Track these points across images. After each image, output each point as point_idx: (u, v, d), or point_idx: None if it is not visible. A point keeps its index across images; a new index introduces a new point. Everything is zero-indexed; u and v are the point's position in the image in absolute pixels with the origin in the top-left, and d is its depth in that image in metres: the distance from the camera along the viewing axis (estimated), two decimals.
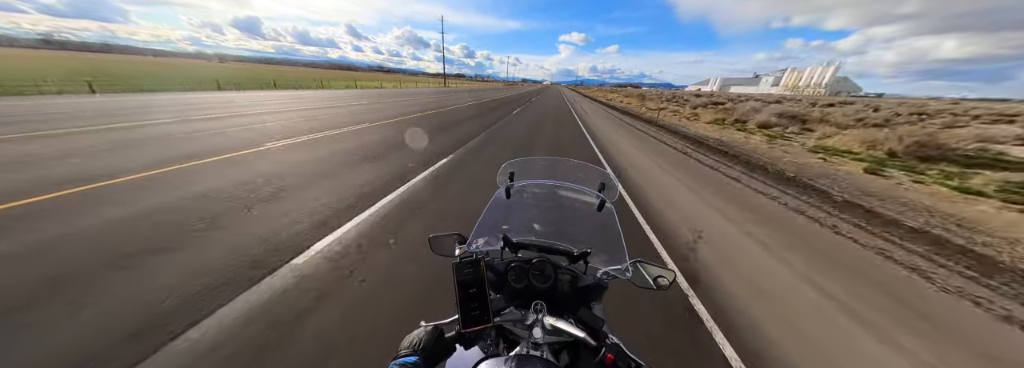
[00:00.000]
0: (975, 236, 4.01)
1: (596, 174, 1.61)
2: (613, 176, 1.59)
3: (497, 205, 1.40)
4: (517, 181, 1.49)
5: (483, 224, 1.30)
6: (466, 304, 0.77)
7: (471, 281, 0.79)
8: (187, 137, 6.82)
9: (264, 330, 1.95)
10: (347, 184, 4.49)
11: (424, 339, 0.74)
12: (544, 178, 1.54)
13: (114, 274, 2.34)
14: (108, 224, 3.02)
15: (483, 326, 0.75)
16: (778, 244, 3.60)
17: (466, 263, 0.81)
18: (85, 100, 12.58)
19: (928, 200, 5.36)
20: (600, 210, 1.38)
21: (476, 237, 1.25)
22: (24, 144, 5.45)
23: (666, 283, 1.05)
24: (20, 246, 2.57)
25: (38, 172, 4.20)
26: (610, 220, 1.33)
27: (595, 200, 1.40)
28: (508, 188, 1.45)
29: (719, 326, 2.27)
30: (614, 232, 1.27)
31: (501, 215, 1.40)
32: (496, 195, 1.43)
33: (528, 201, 1.49)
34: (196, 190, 3.96)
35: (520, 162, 1.62)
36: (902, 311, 2.60)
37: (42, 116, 8.31)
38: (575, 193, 1.46)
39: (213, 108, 11.74)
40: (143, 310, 2.03)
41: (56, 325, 1.88)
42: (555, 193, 1.49)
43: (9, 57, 53.36)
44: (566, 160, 1.71)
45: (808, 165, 7.68)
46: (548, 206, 1.49)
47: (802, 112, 17.72)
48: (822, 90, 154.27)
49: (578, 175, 1.61)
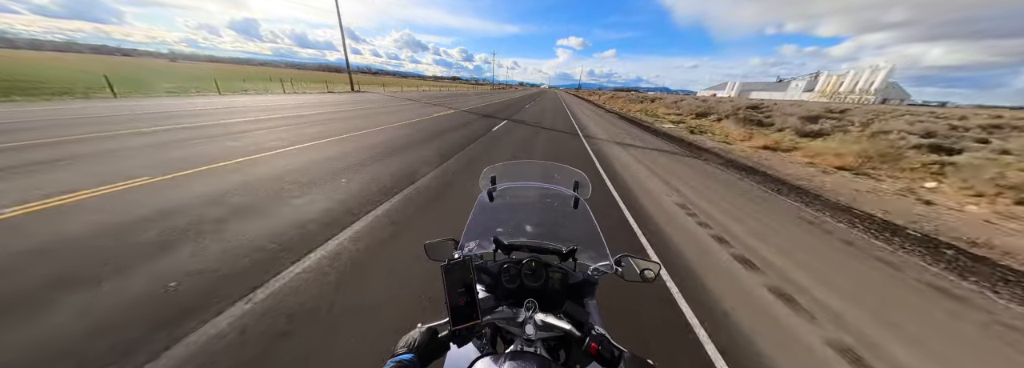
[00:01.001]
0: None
1: (569, 174, 1.71)
2: (585, 176, 1.71)
3: (482, 208, 1.46)
4: (499, 184, 1.56)
5: (471, 228, 1.36)
6: (455, 303, 0.81)
7: (460, 281, 0.83)
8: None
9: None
10: None
11: (418, 339, 0.81)
12: (523, 180, 1.62)
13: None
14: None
15: (472, 323, 0.79)
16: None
17: (453, 265, 0.85)
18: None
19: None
20: (576, 208, 1.46)
21: (467, 240, 1.32)
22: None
23: (652, 276, 1.10)
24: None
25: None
26: (586, 216, 1.40)
27: (571, 198, 1.49)
28: (491, 191, 1.51)
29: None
30: (591, 227, 1.33)
31: (487, 218, 1.46)
32: (480, 199, 1.49)
33: (511, 203, 1.56)
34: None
35: (500, 167, 1.77)
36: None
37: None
38: (553, 193, 1.55)
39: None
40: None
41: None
42: (535, 194, 1.59)
43: (14, 59, 52.21)
44: (542, 163, 1.82)
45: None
46: (530, 207, 1.59)
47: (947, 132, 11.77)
48: (871, 97, 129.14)
49: (554, 176, 1.71)
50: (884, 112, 23.45)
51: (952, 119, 17.67)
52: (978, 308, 3.04)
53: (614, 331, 0.98)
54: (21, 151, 5.73)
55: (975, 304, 3.10)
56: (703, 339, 2.38)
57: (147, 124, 8.93)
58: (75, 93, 15.43)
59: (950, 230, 4.90)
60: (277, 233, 3.44)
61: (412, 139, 9.28)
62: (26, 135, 6.86)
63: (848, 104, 55.11)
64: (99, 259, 2.80)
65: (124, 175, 4.82)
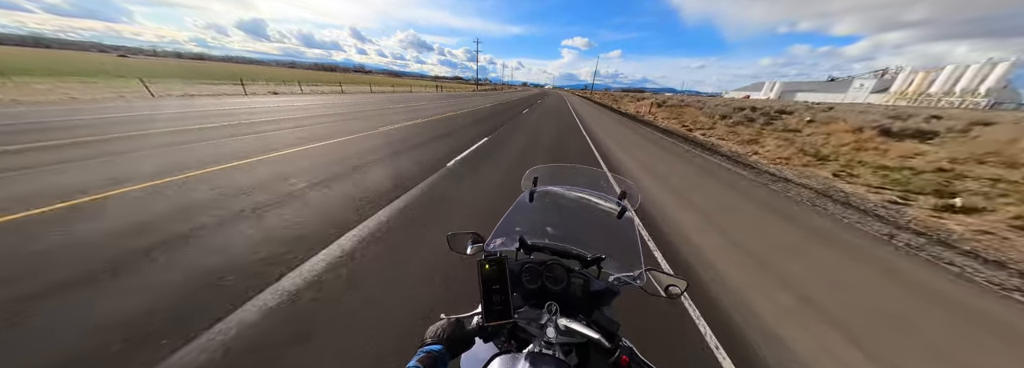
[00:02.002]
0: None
1: (618, 182, 1.69)
2: (634, 185, 1.64)
3: (520, 208, 1.47)
4: (541, 186, 1.55)
5: (504, 225, 1.35)
6: (489, 300, 0.82)
7: (496, 278, 0.84)
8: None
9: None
10: None
11: (448, 330, 0.82)
12: (567, 184, 1.59)
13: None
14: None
15: (505, 321, 0.81)
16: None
17: (491, 261, 0.86)
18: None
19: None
20: (620, 218, 1.42)
21: (495, 237, 1.31)
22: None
23: (677, 292, 1.07)
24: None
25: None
26: (629, 227, 1.36)
27: (616, 208, 1.45)
28: (532, 192, 1.51)
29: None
30: (631, 240, 1.30)
31: (522, 218, 1.46)
32: (520, 198, 1.51)
33: (550, 206, 1.54)
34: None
35: (543, 169, 1.75)
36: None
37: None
38: (597, 200, 1.52)
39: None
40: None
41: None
42: (577, 199, 1.55)
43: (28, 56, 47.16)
44: (589, 168, 1.77)
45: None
46: (569, 211, 1.55)
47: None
48: (982, 100, 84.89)
49: (600, 183, 1.65)
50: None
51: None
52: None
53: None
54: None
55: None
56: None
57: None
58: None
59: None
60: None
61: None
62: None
63: (947, 108, 39.05)
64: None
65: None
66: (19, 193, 3.90)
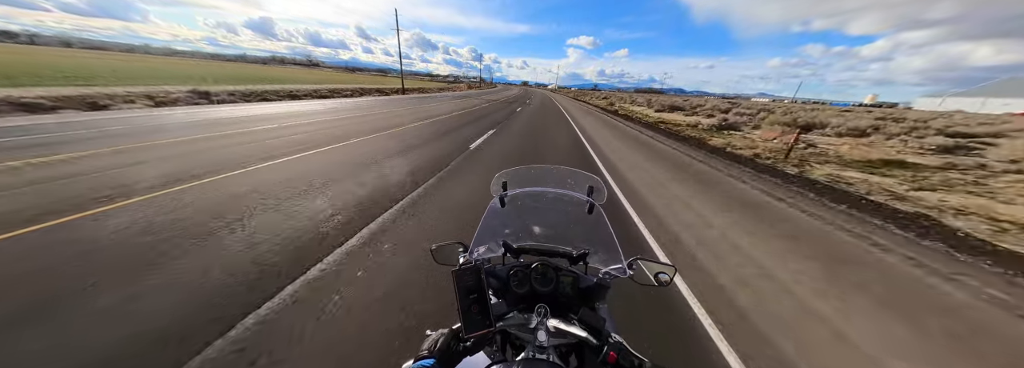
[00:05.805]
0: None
1: (584, 179, 1.67)
2: (600, 180, 1.63)
3: (493, 214, 1.44)
4: (510, 190, 1.53)
5: (482, 233, 1.34)
6: (467, 310, 0.78)
7: (472, 287, 0.80)
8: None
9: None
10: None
11: (441, 343, 0.80)
12: (535, 185, 1.59)
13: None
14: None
15: (485, 331, 0.77)
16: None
17: (465, 270, 0.81)
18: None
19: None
20: (590, 212, 1.42)
21: (476, 246, 1.30)
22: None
23: (667, 279, 1.06)
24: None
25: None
26: (601, 221, 1.37)
27: (586, 204, 1.45)
28: (502, 197, 1.49)
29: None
30: (606, 232, 1.30)
31: (498, 223, 1.46)
32: (491, 205, 1.47)
33: (524, 208, 1.54)
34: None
35: (511, 172, 1.73)
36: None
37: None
38: (566, 198, 1.52)
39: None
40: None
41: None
42: (547, 199, 1.55)
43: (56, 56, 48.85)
44: (555, 167, 1.77)
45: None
46: (543, 211, 1.55)
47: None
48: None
49: (567, 181, 1.68)
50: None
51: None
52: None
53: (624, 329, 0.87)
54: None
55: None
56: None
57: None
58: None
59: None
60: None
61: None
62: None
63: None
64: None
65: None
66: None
